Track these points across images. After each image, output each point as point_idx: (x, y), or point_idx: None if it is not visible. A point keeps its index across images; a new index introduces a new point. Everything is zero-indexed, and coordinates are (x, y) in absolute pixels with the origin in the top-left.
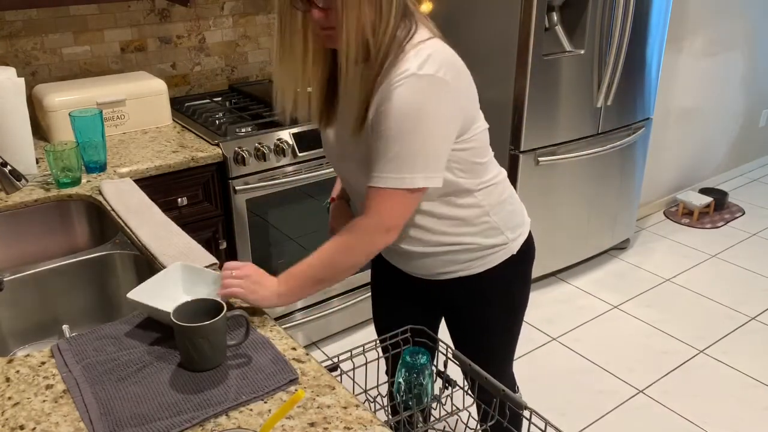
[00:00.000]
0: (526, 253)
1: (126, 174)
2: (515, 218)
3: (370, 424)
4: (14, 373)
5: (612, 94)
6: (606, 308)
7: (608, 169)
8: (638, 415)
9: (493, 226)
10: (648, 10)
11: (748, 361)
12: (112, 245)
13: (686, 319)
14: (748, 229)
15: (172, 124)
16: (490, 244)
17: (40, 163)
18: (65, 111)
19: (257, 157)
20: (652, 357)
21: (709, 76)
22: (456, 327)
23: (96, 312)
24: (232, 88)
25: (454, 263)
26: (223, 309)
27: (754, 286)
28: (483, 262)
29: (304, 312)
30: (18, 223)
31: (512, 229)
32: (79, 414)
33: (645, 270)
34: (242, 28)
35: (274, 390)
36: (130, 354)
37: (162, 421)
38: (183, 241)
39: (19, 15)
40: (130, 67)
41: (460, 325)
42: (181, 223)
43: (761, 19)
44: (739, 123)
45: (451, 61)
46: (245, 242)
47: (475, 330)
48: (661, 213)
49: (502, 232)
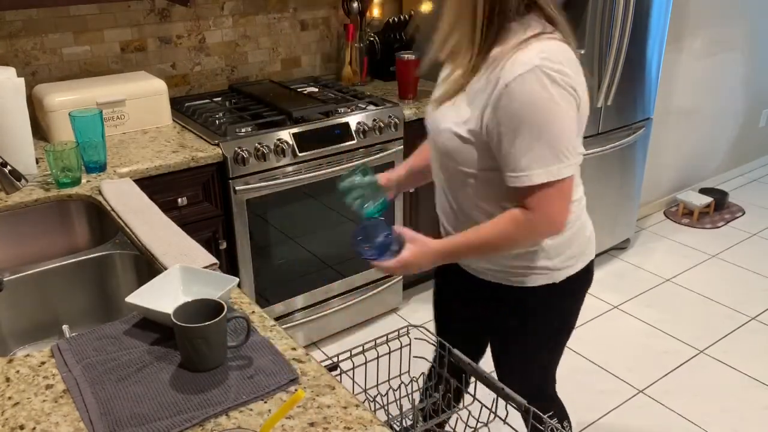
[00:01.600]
0: (572, 286)
1: (126, 174)
2: (569, 248)
3: (370, 424)
4: (14, 373)
5: (612, 94)
6: (606, 308)
7: (608, 169)
8: (638, 415)
9: (542, 248)
10: (648, 10)
11: (748, 361)
12: (112, 245)
13: (686, 319)
14: (748, 229)
15: (172, 124)
16: (533, 265)
17: (40, 163)
18: (65, 111)
19: (257, 157)
20: (652, 357)
21: (709, 76)
22: (493, 338)
23: (96, 312)
24: (232, 88)
25: (499, 270)
26: (224, 310)
27: (754, 286)
28: (522, 279)
29: (304, 312)
30: (18, 223)
31: (560, 257)
32: (79, 414)
33: (645, 270)
34: (242, 28)
35: (274, 390)
36: (130, 354)
37: (162, 421)
38: (183, 242)
39: (19, 15)
40: (130, 67)
41: (495, 336)
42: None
43: (761, 19)
44: (739, 123)
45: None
46: (245, 242)
47: (505, 342)
48: (661, 213)
49: (549, 258)
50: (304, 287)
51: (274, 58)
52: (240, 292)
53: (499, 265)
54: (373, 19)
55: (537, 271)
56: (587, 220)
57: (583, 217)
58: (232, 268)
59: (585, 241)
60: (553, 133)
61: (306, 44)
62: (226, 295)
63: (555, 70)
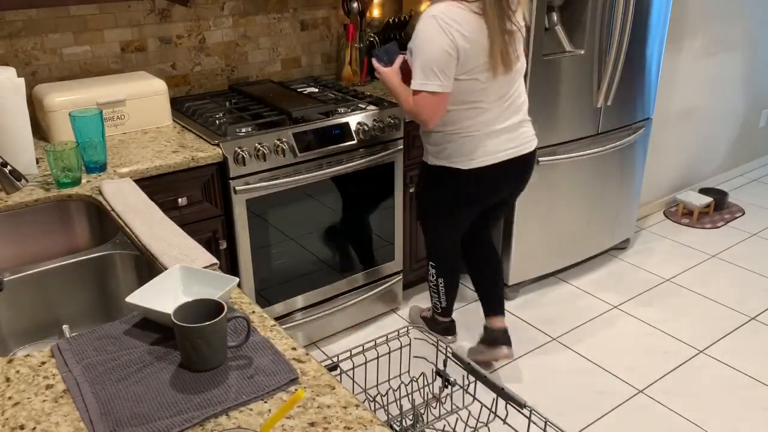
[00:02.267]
0: (440, 171)
1: (126, 174)
2: (440, 152)
3: (370, 423)
4: (14, 373)
5: (612, 94)
6: (606, 308)
7: (608, 169)
8: (638, 415)
9: (427, 146)
10: (648, 10)
11: (748, 361)
12: (112, 245)
13: (686, 319)
14: (748, 229)
15: (172, 124)
16: (428, 153)
17: (40, 163)
18: (65, 111)
19: (257, 157)
20: (652, 357)
21: (709, 76)
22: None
23: (96, 312)
24: (232, 88)
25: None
26: (224, 310)
27: (754, 286)
28: (428, 157)
29: (304, 312)
30: (18, 223)
31: (436, 155)
32: (79, 414)
33: (645, 270)
34: (242, 28)
35: (274, 390)
36: (130, 354)
37: (162, 421)
38: (183, 242)
39: (19, 15)
40: (130, 67)
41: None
42: (181, 223)
43: (761, 20)
44: (739, 123)
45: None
46: (245, 242)
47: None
48: (661, 213)
49: (431, 152)
50: (304, 287)
51: (274, 58)
52: (240, 292)
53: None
54: (373, 19)
55: (429, 157)
56: (461, 148)
57: (456, 143)
58: (232, 268)
59: (447, 156)
60: (424, 58)
61: (306, 44)
62: (226, 295)
63: (443, 19)
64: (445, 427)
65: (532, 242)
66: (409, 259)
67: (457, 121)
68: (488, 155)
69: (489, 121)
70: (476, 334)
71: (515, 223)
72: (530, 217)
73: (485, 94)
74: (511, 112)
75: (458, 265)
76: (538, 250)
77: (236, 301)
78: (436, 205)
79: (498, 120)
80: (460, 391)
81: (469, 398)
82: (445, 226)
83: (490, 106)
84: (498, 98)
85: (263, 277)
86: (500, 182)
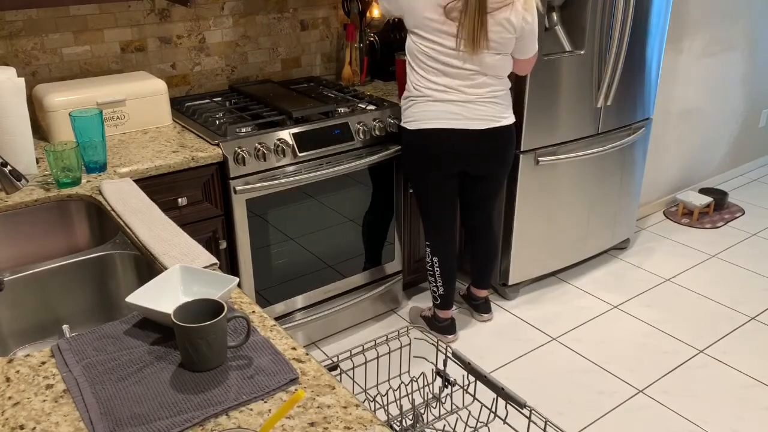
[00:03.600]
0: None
1: (126, 174)
2: (407, 115)
3: (370, 423)
4: (14, 373)
5: (612, 94)
6: (606, 308)
7: (608, 169)
8: (638, 415)
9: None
10: (648, 10)
11: (748, 361)
12: (112, 245)
13: (686, 319)
14: (748, 229)
15: (172, 124)
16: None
17: (40, 163)
18: (65, 111)
19: (257, 157)
20: (652, 357)
21: (709, 76)
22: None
23: (96, 312)
24: (232, 88)
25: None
26: (224, 310)
27: (754, 286)
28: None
29: (304, 312)
30: (18, 223)
31: (406, 118)
32: (79, 414)
33: (645, 270)
34: (242, 28)
35: (274, 390)
36: (130, 354)
37: (162, 421)
38: (183, 242)
39: (19, 15)
40: (130, 67)
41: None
42: (181, 223)
43: (761, 20)
44: (739, 123)
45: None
46: (245, 242)
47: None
48: (661, 213)
49: (404, 115)
50: (304, 287)
51: (274, 58)
52: (240, 292)
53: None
54: (373, 19)
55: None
56: (412, 108)
57: (411, 106)
58: (232, 268)
59: (404, 118)
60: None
61: (306, 44)
62: (226, 295)
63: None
64: (445, 427)
65: (532, 242)
66: (409, 260)
67: (420, 80)
68: (428, 120)
69: (443, 89)
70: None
71: (515, 223)
72: (530, 217)
73: (449, 60)
74: (471, 91)
75: (453, 249)
76: (538, 250)
77: (236, 301)
78: (408, 167)
79: (452, 91)
80: (460, 391)
81: (469, 398)
82: (426, 195)
83: (450, 74)
84: (459, 72)
85: (263, 277)
86: (455, 150)
